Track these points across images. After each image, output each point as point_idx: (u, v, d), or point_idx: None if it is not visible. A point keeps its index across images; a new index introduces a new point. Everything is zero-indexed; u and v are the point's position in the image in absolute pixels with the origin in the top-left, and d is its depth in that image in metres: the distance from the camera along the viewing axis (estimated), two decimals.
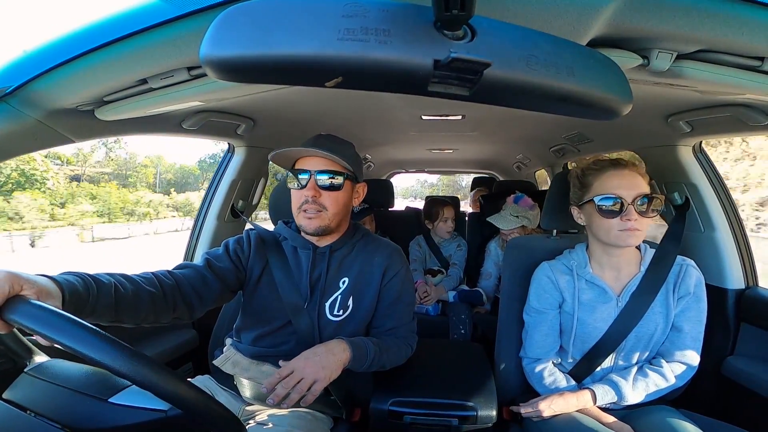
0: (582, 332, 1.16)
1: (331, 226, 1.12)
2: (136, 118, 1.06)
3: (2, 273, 0.59)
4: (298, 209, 1.11)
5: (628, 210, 1.04)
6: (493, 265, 2.41)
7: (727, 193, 1.54)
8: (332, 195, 1.10)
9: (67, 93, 0.84)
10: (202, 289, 1.03)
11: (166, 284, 0.95)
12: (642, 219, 1.05)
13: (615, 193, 1.05)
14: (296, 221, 1.14)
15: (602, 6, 0.57)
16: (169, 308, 0.95)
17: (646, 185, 1.07)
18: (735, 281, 1.50)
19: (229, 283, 1.10)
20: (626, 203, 1.04)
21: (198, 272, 1.05)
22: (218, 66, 0.42)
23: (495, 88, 0.47)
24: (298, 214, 1.11)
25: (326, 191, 1.09)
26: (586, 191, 1.13)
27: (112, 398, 0.65)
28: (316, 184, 1.08)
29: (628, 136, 1.69)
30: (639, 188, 1.05)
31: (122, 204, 31.71)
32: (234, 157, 1.82)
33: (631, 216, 1.04)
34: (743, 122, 1.12)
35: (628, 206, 1.04)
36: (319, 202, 1.09)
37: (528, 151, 3.01)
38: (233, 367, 1.15)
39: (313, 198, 1.08)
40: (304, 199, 1.09)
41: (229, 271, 1.11)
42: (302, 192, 1.09)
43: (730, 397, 1.39)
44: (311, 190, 1.08)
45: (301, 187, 1.09)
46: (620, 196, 1.05)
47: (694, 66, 0.73)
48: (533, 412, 1.11)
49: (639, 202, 1.04)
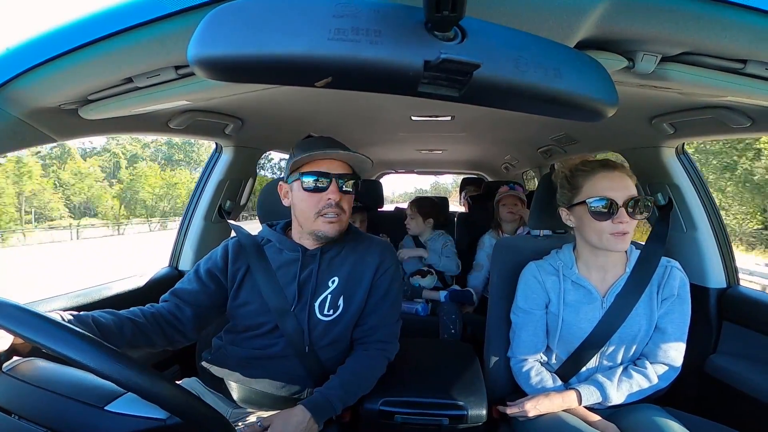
0: (567, 332, 1.17)
1: (345, 228, 1.13)
2: (121, 117, 1.04)
3: None
4: (316, 214, 1.08)
5: (620, 212, 1.04)
6: (486, 257, 2.43)
7: (709, 193, 1.57)
8: (348, 198, 1.11)
9: (50, 91, 0.83)
10: (179, 318, 1.09)
11: (150, 330, 1.03)
12: (632, 221, 1.05)
13: (606, 195, 1.05)
14: (311, 227, 1.10)
15: (590, 8, 0.58)
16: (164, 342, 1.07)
17: (634, 187, 1.08)
18: (716, 280, 1.53)
19: (205, 305, 1.13)
20: (617, 205, 1.04)
21: (172, 307, 1.10)
22: (207, 65, 0.41)
23: (484, 89, 0.47)
24: (316, 218, 1.08)
25: (345, 195, 1.09)
26: (576, 193, 1.13)
27: (108, 406, 0.63)
28: (338, 188, 1.07)
29: (613, 137, 1.72)
30: (629, 190, 1.06)
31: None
32: (221, 157, 1.80)
33: (622, 218, 1.04)
34: (725, 124, 1.14)
35: (620, 208, 1.04)
36: (341, 206, 1.08)
37: (516, 152, 3.04)
38: (221, 370, 1.14)
39: (337, 202, 1.07)
40: (328, 203, 1.06)
41: (203, 294, 1.13)
42: (323, 195, 1.06)
43: (713, 394, 1.42)
44: (336, 194, 1.06)
45: (321, 190, 1.07)
46: (611, 198, 1.05)
47: (678, 68, 0.74)
48: (519, 413, 1.12)
49: (630, 204, 1.05)
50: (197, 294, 1.12)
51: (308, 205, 1.08)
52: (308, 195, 1.08)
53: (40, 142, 0.99)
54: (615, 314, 1.12)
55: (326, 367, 1.12)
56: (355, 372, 1.11)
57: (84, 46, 0.68)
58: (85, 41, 0.68)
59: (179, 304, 1.10)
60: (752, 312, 1.39)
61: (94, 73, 0.78)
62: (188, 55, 0.41)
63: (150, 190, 39.48)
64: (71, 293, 1.35)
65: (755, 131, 1.15)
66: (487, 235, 2.49)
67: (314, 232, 1.10)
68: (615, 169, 1.09)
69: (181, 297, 1.12)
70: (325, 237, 1.10)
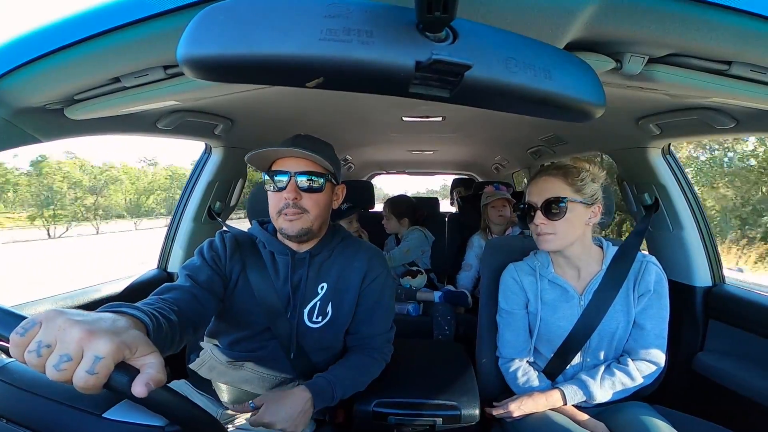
0: (546, 331, 1.19)
1: (313, 228, 1.07)
2: (108, 118, 1.03)
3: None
4: (277, 213, 1.05)
5: (537, 214, 1.11)
6: (475, 257, 2.45)
7: (694, 193, 1.60)
8: (313, 197, 1.05)
9: (35, 91, 0.81)
10: (199, 309, 0.95)
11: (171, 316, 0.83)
12: (550, 222, 1.10)
13: (528, 200, 1.14)
14: (276, 225, 1.08)
15: (579, 10, 0.59)
16: (176, 339, 0.83)
17: (557, 189, 1.10)
18: (702, 279, 1.56)
19: (217, 292, 1.04)
20: (534, 208, 1.12)
21: (187, 292, 0.95)
22: (196, 65, 0.41)
23: (475, 89, 0.48)
24: (278, 217, 1.05)
25: (307, 193, 1.04)
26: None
27: (106, 413, 0.61)
28: (296, 186, 1.03)
29: (601, 138, 1.74)
30: (548, 193, 1.11)
31: None
32: (211, 158, 1.78)
33: (536, 220, 1.11)
34: (709, 125, 1.16)
35: (536, 211, 1.11)
36: (300, 205, 1.03)
37: (506, 153, 3.06)
38: (210, 372, 1.13)
39: (294, 201, 1.02)
40: (284, 203, 1.02)
41: (213, 280, 1.04)
42: (281, 195, 1.03)
43: (701, 392, 1.44)
44: (291, 193, 1.02)
45: (280, 190, 1.04)
46: (530, 201, 1.13)
47: (665, 70, 0.75)
48: (504, 413, 1.14)
49: (543, 207, 1.11)
50: (212, 279, 1.03)
51: (272, 204, 1.06)
52: (270, 195, 1.06)
53: (25, 142, 0.97)
54: (593, 311, 1.14)
55: (319, 369, 1.11)
56: (354, 367, 1.11)
57: (71, 45, 0.67)
58: (71, 40, 0.66)
59: (197, 294, 0.97)
60: (737, 310, 1.42)
61: (80, 73, 0.77)
62: (177, 55, 0.41)
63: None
64: (57, 296, 1.32)
65: (739, 132, 1.17)
66: (477, 236, 2.51)
67: (279, 230, 1.08)
68: (543, 173, 1.15)
69: (200, 285, 1.00)
70: (287, 235, 1.06)
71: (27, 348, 0.46)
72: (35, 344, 0.46)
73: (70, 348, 0.46)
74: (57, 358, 0.46)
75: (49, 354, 0.46)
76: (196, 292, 0.97)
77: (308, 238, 1.09)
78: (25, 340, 0.47)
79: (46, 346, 0.46)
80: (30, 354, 0.46)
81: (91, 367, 0.45)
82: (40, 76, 0.75)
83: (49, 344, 0.46)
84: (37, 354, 0.46)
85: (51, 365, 0.46)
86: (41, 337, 0.47)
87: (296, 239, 1.08)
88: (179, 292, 0.94)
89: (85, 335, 0.47)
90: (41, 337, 0.47)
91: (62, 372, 0.45)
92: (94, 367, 0.46)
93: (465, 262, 2.50)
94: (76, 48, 0.68)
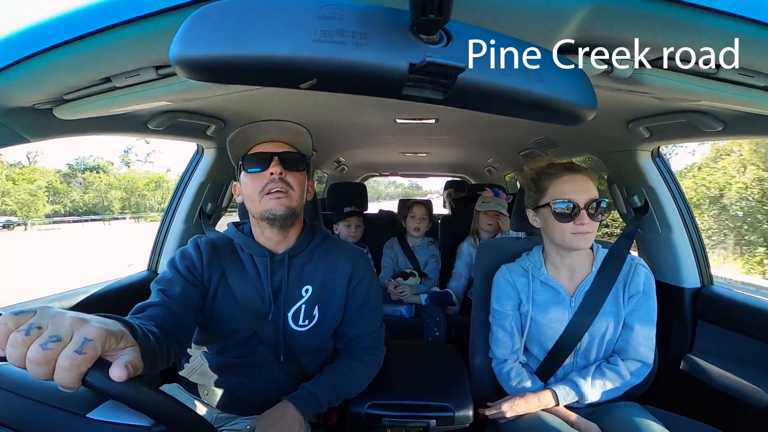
0: (537, 332, 1.20)
1: (297, 210, 1.03)
2: (98, 118, 1.02)
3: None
4: (260, 193, 1.00)
5: (581, 214, 1.09)
6: (464, 265, 2.44)
7: (683, 196, 1.62)
8: (296, 176, 1.02)
9: (24, 91, 0.80)
10: (177, 323, 0.91)
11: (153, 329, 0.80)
12: (593, 222, 1.10)
13: (569, 198, 1.10)
14: (258, 208, 1.01)
15: (571, 13, 0.59)
16: (164, 351, 0.80)
17: (596, 190, 1.12)
18: (691, 280, 1.58)
19: (194, 304, 1.00)
20: (579, 208, 1.09)
21: (161, 308, 0.92)
22: (189, 65, 0.41)
23: (468, 92, 0.48)
24: (262, 198, 1.00)
25: (291, 171, 1.02)
26: (541, 195, 1.16)
27: (90, 413, 0.60)
28: (281, 164, 1.00)
29: (592, 141, 1.76)
30: (590, 193, 1.10)
31: None
32: (203, 159, 1.77)
33: (583, 220, 1.09)
34: (698, 128, 1.18)
35: (581, 211, 1.09)
36: (286, 180, 1.00)
37: (499, 156, 3.08)
38: (201, 378, 1.11)
39: (280, 176, 0.99)
40: (270, 178, 0.99)
41: (188, 292, 0.99)
42: (264, 173, 1.00)
43: (691, 392, 1.46)
44: (277, 167, 0.99)
45: (263, 168, 1.00)
46: (574, 200, 1.09)
47: (655, 73, 0.76)
48: (497, 414, 1.14)
49: (591, 207, 1.09)
50: (187, 290, 0.99)
51: (253, 187, 1.01)
52: (251, 176, 1.02)
53: (13, 142, 0.96)
54: (584, 313, 1.15)
55: (310, 372, 1.11)
56: (343, 371, 1.10)
57: (61, 45, 0.66)
58: (62, 40, 0.66)
59: (173, 308, 0.93)
60: (725, 311, 1.44)
61: (70, 73, 0.76)
62: (170, 55, 0.40)
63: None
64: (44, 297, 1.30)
65: (726, 135, 1.19)
66: (466, 243, 2.48)
67: (262, 213, 1.01)
68: (578, 172, 1.13)
69: (174, 299, 0.95)
70: (274, 216, 1.00)
71: (17, 328, 0.47)
72: (27, 324, 0.47)
73: (61, 330, 0.47)
74: (46, 338, 0.46)
75: (38, 335, 0.47)
76: (171, 306, 0.93)
77: (291, 222, 1.04)
78: (19, 320, 0.48)
79: (38, 327, 0.47)
80: (19, 333, 0.46)
81: (80, 347, 0.47)
82: (29, 75, 0.74)
83: (41, 326, 0.47)
84: (26, 333, 0.47)
85: (38, 344, 0.46)
86: (34, 320, 0.48)
87: (280, 221, 1.02)
88: (154, 309, 0.91)
89: (77, 321, 0.49)
90: (34, 320, 0.48)
91: (47, 352, 0.46)
92: (82, 347, 0.47)
93: (455, 271, 2.47)
94: (66, 48, 0.67)
